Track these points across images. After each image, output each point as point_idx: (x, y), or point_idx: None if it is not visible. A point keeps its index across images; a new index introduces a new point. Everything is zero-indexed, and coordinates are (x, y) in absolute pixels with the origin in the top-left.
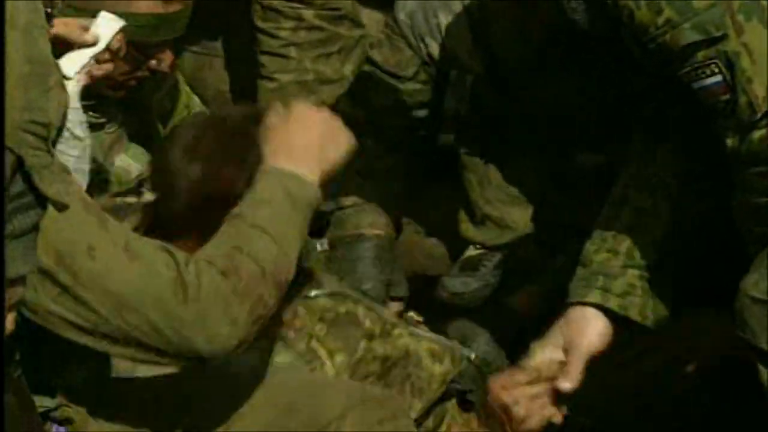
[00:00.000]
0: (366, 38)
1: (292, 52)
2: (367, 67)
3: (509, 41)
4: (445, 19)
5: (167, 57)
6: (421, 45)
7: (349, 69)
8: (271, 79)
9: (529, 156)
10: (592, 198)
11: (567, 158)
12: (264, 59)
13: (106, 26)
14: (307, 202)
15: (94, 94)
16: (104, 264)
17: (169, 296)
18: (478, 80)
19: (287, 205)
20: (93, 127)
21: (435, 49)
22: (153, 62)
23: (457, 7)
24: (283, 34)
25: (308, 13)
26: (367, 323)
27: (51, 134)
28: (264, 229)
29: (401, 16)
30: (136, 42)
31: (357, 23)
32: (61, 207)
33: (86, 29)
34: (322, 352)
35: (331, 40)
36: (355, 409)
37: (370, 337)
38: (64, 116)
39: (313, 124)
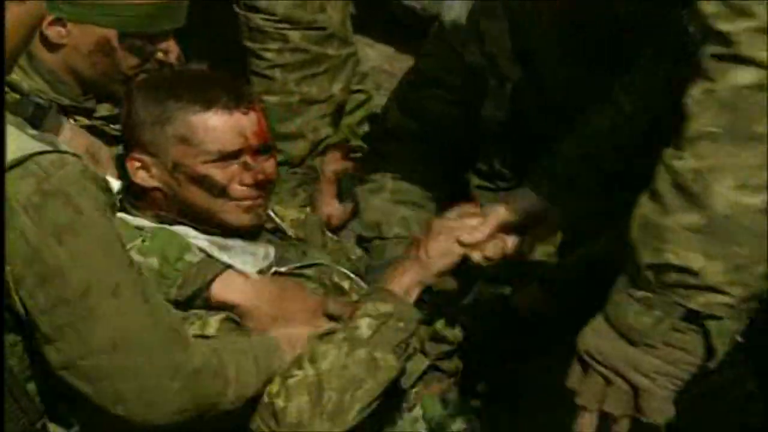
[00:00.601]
0: (355, 56)
1: (277, 73)
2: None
3: (546, 49)
4: (488, 25)
5: (172, 48)
6: (465, 52)
7: (337, 88)
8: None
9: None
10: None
11: None
12: (252, 79)
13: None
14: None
15: (109, 93)
16: (124, 302)
17: (163, 345)
18: (518, 88)
19: (264, 362)
20: (114, 140)
21: (477, 56)
22: (159, 54)
23: (501, 12)
24: (268, 55)
25: (294, 35)
26: (354, 296)
27: None
28: (246, 354)
29: (446, 23)
30: (143, 32)
31: (345, 42)
32: None
33: None
34: None
35: (318, 60)
36: None
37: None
38: None
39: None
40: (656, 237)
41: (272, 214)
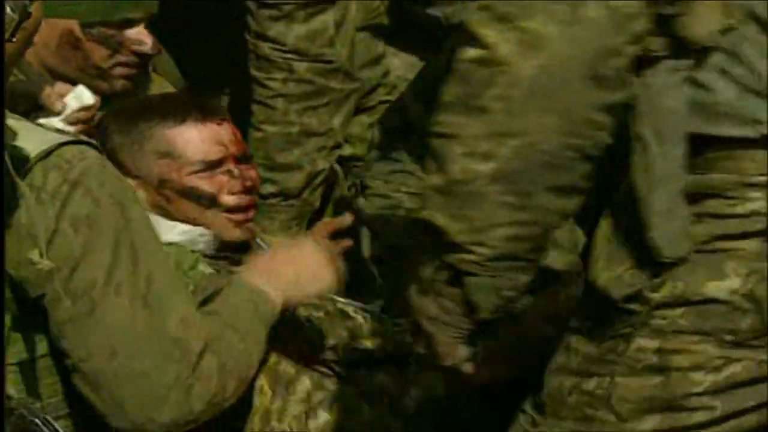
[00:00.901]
0: (359, 91)
1: (279, 103)
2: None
3: None
4: None
5: (145, 38)
6: None
7: (337, 121)
8: (258, 129)
9: None
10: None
11: None
12: (254, 108)
13: (78, 99)
14: (267, 319)
15: (93, 91)
16: (124, 303)
17: (161, 355)
18: None
19: (254, 318)
20: None
21: None
22: (132, 43)
23: None
24: (273, 84)
25: (300, 66)
26: (359, 318)
27: None
28: (236, 330)
29: None
30: (105, 21)
31: (350, 77)
32: None
33: (62, 97)
34: None
35: (321, 93)
36: None
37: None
38: None
39: (303, 258)
40: (419, 195)
41: (259, 241)
